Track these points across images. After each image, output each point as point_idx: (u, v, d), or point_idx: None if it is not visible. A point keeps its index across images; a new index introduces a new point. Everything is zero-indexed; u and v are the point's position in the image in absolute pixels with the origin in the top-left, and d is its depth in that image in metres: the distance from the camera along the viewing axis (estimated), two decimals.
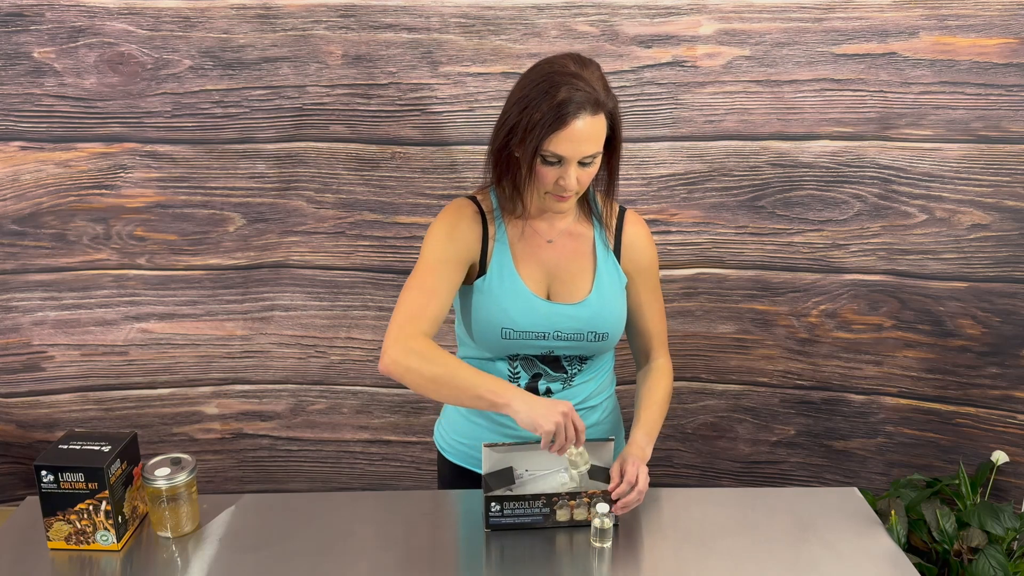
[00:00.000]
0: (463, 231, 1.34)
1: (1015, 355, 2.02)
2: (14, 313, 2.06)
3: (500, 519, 1.30)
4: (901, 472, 2.18)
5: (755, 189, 1.97)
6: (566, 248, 1.38)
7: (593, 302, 1.36)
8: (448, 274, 1.32)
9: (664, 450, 2.22)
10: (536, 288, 1.36)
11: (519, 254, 1.36)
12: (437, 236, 1.34)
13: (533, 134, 1.20)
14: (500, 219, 1.37)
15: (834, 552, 1.29)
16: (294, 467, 2.27)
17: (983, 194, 1.92)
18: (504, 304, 1.34)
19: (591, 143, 1.23)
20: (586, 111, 1.20)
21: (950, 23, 1.80)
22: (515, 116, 1.23)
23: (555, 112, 1.19)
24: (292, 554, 1.27)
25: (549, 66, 1.23)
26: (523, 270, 1.36)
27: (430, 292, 1.30)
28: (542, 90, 1.20)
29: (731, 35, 1.84)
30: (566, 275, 1.37)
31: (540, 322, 1.35)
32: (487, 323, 1.35)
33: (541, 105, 1.20)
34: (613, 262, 1.40)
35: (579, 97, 1.19)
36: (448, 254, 1.33)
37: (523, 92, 1.23)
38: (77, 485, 1.24)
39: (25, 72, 1.85)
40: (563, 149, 1.21)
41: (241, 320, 2.10)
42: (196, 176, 1.96)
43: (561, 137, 1.20)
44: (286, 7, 1.81)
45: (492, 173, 1.33)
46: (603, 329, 1.37)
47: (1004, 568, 1.76)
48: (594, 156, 1.25)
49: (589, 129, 1.21)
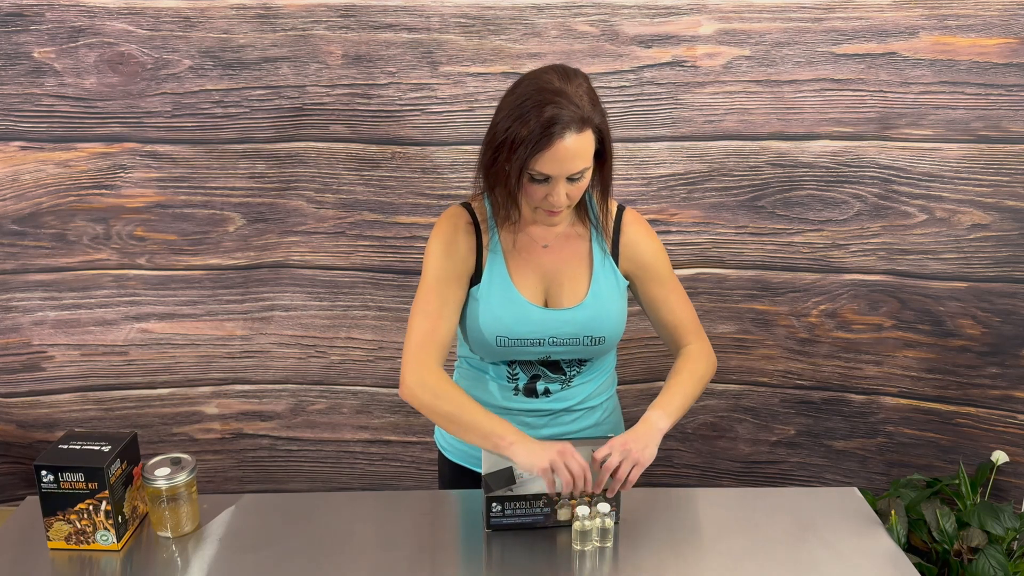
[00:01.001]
0: (458, 246, 1.35)
1: (1015, 355, 2.02)
2: (14, 313, 2.06)
3: (501, 519, 1.30)
4: (901, 472, 2.18)
5: (755, 189, 1.97)
6: (562, 252, 1.38)
7: (589, 306, 1.36)
8: (450, 293, 1.33)
9: (664, 450, 2.21)
10: (531, 294, 1.36)
11: (513, 261, 1.36)
12: (435, 254, 1.35)
13: (519, 153, 1.19)
14: (494, 227, 1.37)
15: (834, 552, 1.29)
16: (294, 467, 2.27)
17: (983, 194, 1.92)
18: (499, 312, 1.34)
19: (578, 160, 1.21)
20: (571, 129, 1.19)
21: (950, 23, 1.80)
22: (501, 134, 1.22)
23: (540, 131, 1.17)
24: (292, 554, 1.27)
25: (534, 83, 1.21)
26: (517, 277, 1.36)
27: (436, 315, 1.32)
28: (527, 109, 1.19)
29: (731, 35, 1.84)
30: (562, 279, 1.37)
31: (536, 329, 1.34)
32: (482, 331, 1.35)
33: (528, 123, 1.18)
34: (611, 265, 1.39)
35: (565, 116, 1.18)
36: (447, 272, 1.34)
37: (508, 111, 1.22)
38: (77, 485, 1.24)
39: (25, 72, 1.85)
40: (549, 168, 1.21)
41: (241, 320, 2.10)
42: (196, 176, 1.96)
43: (547, 157, 1.19)
44: (286, 7, 1.81)
45: (485, 187, 1.32)
46: (600, 333, 1.36)
47: (1004, 568, 1.76)
48: (582, 171, 1.24)
49: (576, 147, 1.20)
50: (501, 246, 1.36)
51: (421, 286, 1.35)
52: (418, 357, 1.30)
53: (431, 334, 1.31)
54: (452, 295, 1.33)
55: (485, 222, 1.37)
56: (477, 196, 1.39)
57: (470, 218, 1.37)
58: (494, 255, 1.35)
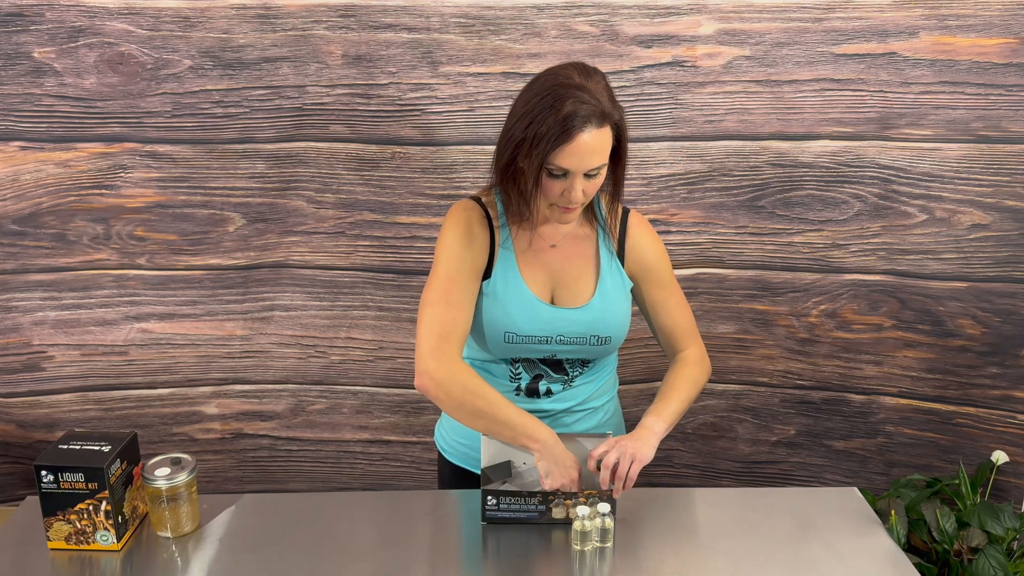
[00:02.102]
0: (476, 237, 1.34)
1: (1015, 355, 2.02)
2: (14, 313, 2.06)
3: (496, 512, 1.32)
4: (901, 472, 2.18)
5: (755, 189, 1.97)
6: (569, 252, 1.38)
7: (596, 306, 1.36)
8: (470, 284, 1.32)
9: (664, 450, 2.21)
10: (540, 292, 1.36)
11: (523, 259, 1.36)
12: (453, 245, 1.32)
13: (539, 148, 1.19)
14: (505, 224, 1.37)
15: (834, 552, 1.29)
16: (294, 467, 2.27)
17: (983, 194, 1.92)
18: (508, 308, 1.34)
19: (597, 156, 1.22)
20: (592, 124, 1.19)
21: (950, 23, 1.80)
22: (520, 131, 1.21)
23: (560, 126, 1.18)
24: (292, 554, 1.27)
25: (554, 78, 1.21)
26: (527, 274, 1.36)
27: (457, 306, 1.29)
28: (547, 104, 1.19)
29: (731, 35, 1.84)
30: (569, 279, 1.37)
31: (543, 327, 1.35)
32: (491, 327, 1.35)
33: (547, 119, 1.18)
34: (617, 266, 1.39)
35: (585, 110, 1.18)
36: (466, 263, 1.32)
37: (527, 106, 1.21)
38: (77, 485, 1.24)
39: (25, 72, 1.85)
40: (569, 163, 1.21)
41: (241, 320, 2.10)
42: (196, 176, 1.96)
43: (567, 151, 1.19)
44: (286, 7, 1.81)
45: (499, 184, 1.31)
46: (606, 333, 1.37)
47: (1004, 568, 1.76)
48: (600, 168, 1.24)
49: (595, 142, 1.20)
50: (513, 243, 1.36)
51: (435, 277, 1.31)
52: (442, 349, 1.26)
53: (452, 325, 1.28)
54: (471, 286, 1.31)
55: (497, 218, 1.36)
56: (486, 192, 1.39)
57: (483, 213, 1.36)
58: (506, 251, 1.36)
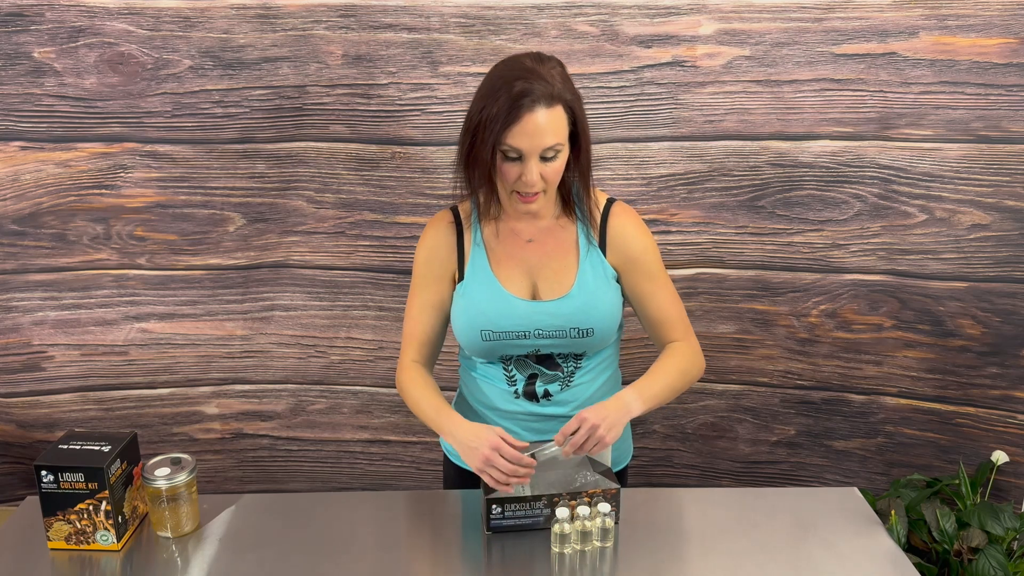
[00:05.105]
0: (438, 247, 1.39)
1: (1015, 355, 2.02)
2: (14, 313, 2.06)
3: (501, 521, 1.30)
4: (901, 472, 2.18)
5: (755, 189, 1.97)
6: (547, 246, 1.38)
7: (576, 296, 1.35)
8: (428, 295, 1.40)
9: (664, 450, 2.22)
10: (516, 288, 1.36)
11: (496, 255, 1.37)
12: (417, 259, 1.42)
13: (491, 128, 1.22)
14: (477, 224, 1.38)
15: (834, 552, 1.29)
16: (294, 467, 2.27)
17: (983, 194, 1.92)
18: (482, 306, 1.35)
19: (549, 135, 1.23)
20: (541, 104, 1.21)
21: (950, 23, 1.80)
22: (476, 116, 1.25)
23: (509, 104, 1.21)
24: (292, 554, 1.27)
25: (506, 65, 1.26)
26: (500, 271, 1.36)
27: (415, 318, 1.42)
28: (498, 86, 1.23)
29: (731, 35, 1.84)
30: (548, 272, 1.37)
31: (520, 321, 1.34)
32: (467, 326, 1.36)
33: (499, 100, 1.21)
34: (598, 256, 1.38)
35: (535, 89, 1.21)
36: (426, 276, 1.40)
37: (482, 91, 1.26)
38: (77, 485, 1.24)
39: (25, 72, 1.85)
40: (520, 142, 1.22)
41: (241, 320, 2.10)
42: (196, 176, 1.96)
43: (516, 130, 1.22)
44: (286, 7, 1.81)
45: (464, 179, 1.33)
46: (587, 324, 1.35)
47: (1004, 568, 1.76)
48: (555, 149, 1.25)
49: (545, 122, 1.22)
50: (484, 241, 1.38)
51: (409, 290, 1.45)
52: (401, 358, 1.44)
53: (409, 336, 1.43)
54: (431, 297, 1.40)
55: (468, 220, 1.39)
56: (463, 199, 1.40)
57: (453, 218, 1.40)
58: (476, 249, 1.38)
